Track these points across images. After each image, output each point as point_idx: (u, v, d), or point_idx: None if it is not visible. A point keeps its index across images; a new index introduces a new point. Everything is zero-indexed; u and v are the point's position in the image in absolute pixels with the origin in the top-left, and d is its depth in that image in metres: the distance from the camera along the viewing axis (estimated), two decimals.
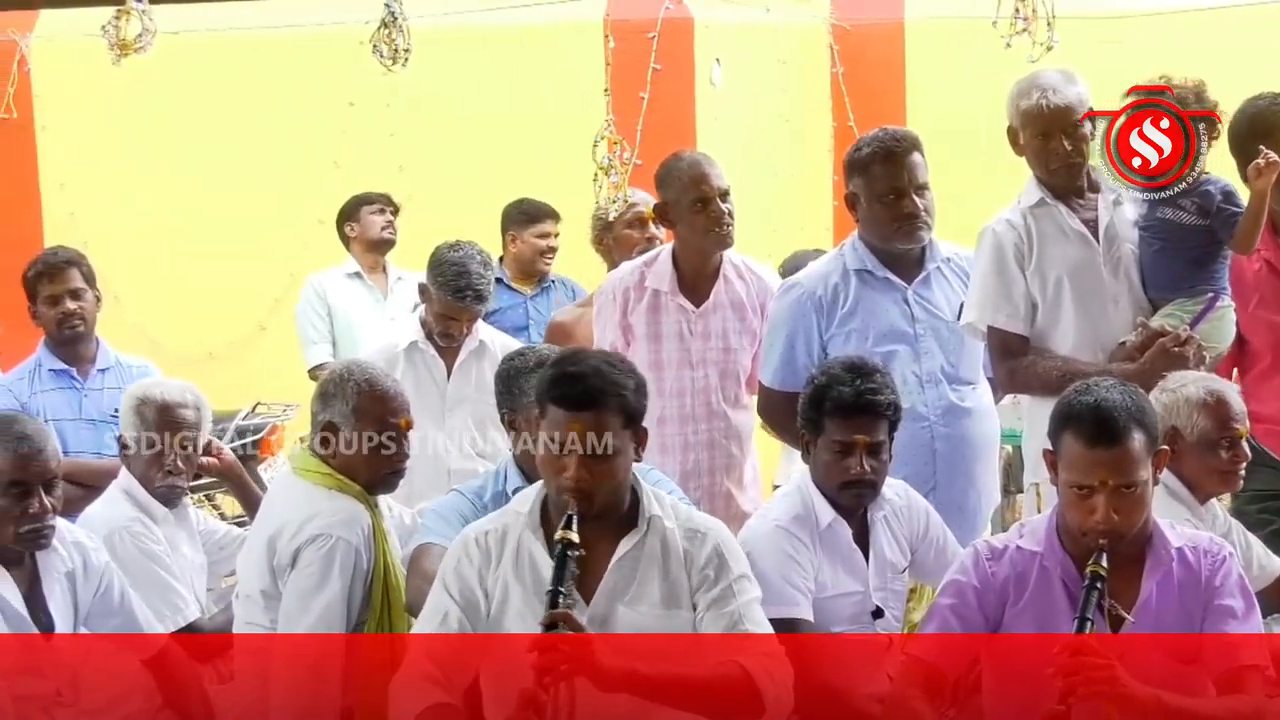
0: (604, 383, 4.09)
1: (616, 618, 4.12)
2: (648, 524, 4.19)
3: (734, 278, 5.95)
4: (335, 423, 4.95)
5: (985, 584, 4.30)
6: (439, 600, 4.21)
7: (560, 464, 4.08)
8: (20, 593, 4.68)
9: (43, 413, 6.29)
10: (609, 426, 4.07)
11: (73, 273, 6.40)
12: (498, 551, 4.20)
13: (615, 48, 8.73)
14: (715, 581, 4.17)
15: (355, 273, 8.43)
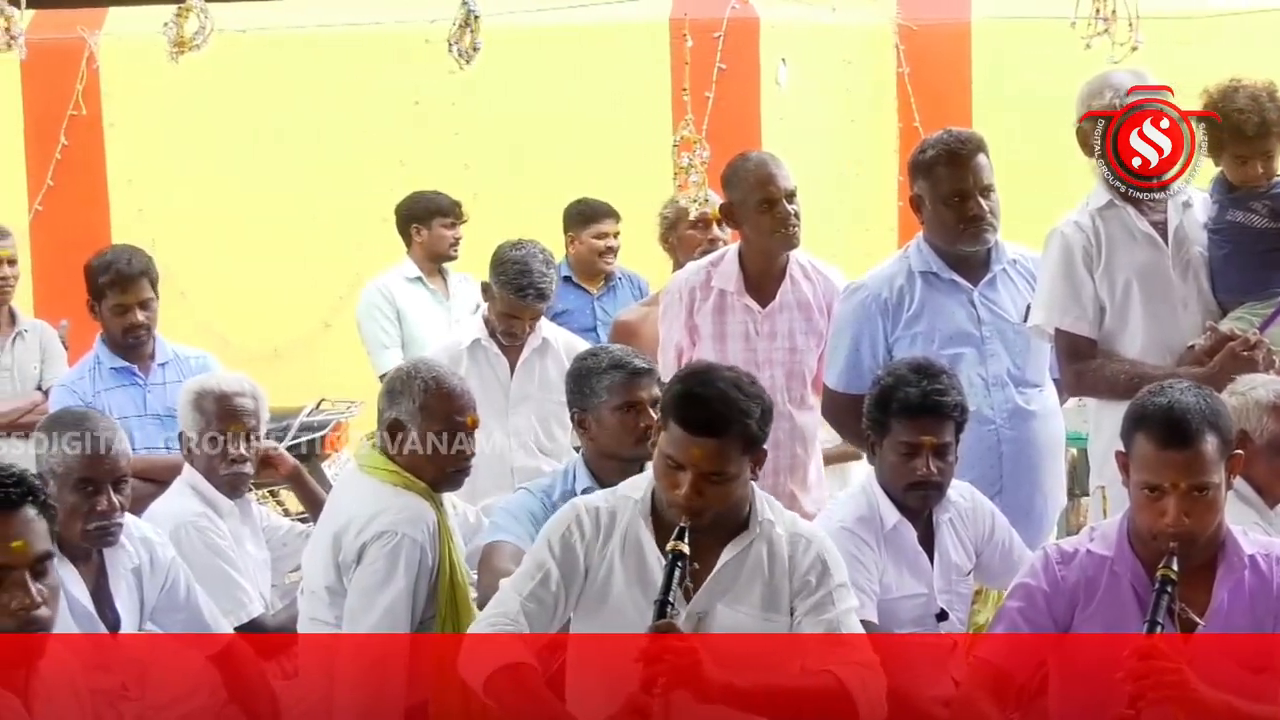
0: (730, 410, 4.05)
1: (715, 616, 4.13)
2: (759, 529, 4.19)
3: (800, 278, 5.93)
4: (402, 420, 4.95)
5: (1055, 588, 4.27)
6: (542, 557, 4.19)
7: (674, 480, 4.07)
8: (88, 588, 4.71)
9: (106, 411, 6.28)
10: (729, 454, 4.05)
11: (144, 283, 6.29)
12: (606, 530, 4.20)
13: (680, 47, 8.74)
14: (816, 588, 4.17)
15: (416, 277, 8.41)
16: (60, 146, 10.16)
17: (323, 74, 9.99)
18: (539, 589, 4.16)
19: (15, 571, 3.35)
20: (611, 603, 4.18)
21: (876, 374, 5.04)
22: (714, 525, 4.12)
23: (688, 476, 4.05)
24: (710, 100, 9.13)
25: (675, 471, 4.07)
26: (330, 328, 9.89)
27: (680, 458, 4.06)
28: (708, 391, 4.10)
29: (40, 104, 10.19)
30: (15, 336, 7.04)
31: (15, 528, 3.37)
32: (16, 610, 3.34)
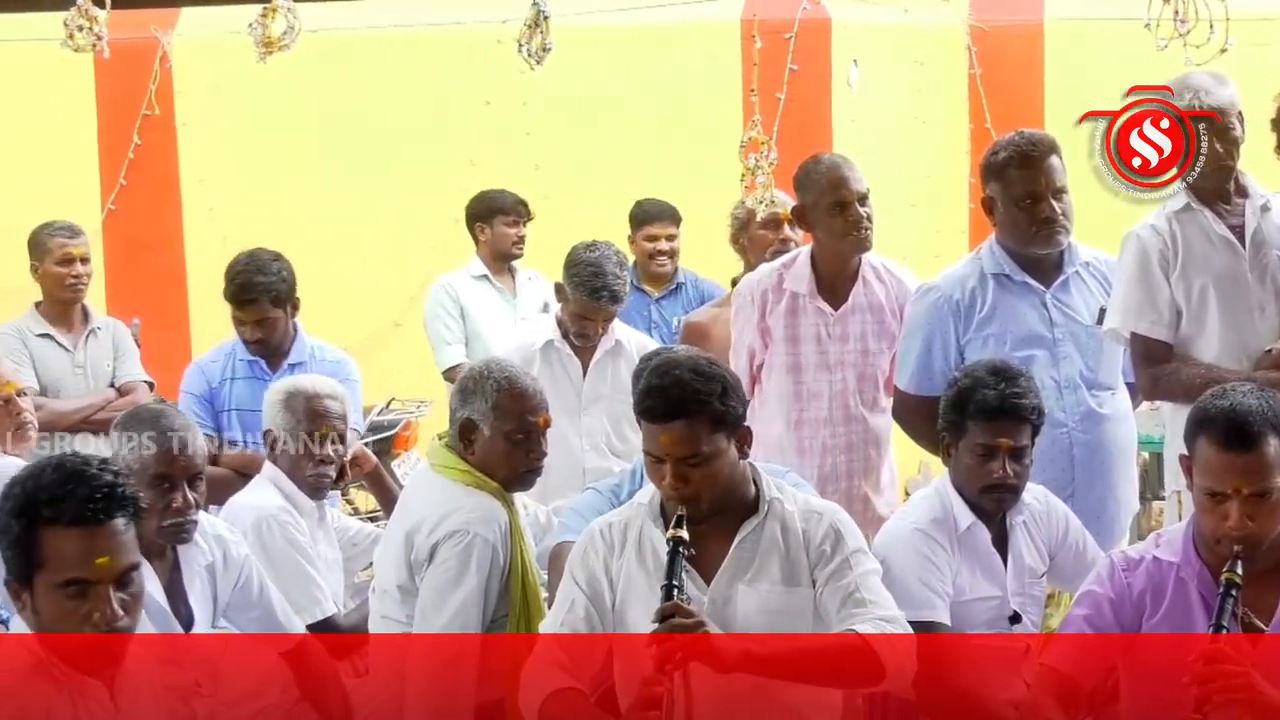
0: (685, 393, 4.12)
1: (737, 597, 4.16)
2: (768, 507, 4.23)
3: (873, 280, 5.92)
4: (474, 420, 4.97)
5: (1121, 595, 4.25)
6: (567, 589, 4.29)
7: (659, 473, 4.16)
8: (162, 585, 4.74)
9: (229, 400, 6.38)
10: (697, 435, 4.11)
11: (261, 305, 6.39)
12: (620, 542, 4.27)
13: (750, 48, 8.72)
14: (832, 556, 4.19)
15: (483, 275, 8.44)
16: (133, 146, 10.20)
17: (394, 74, 10.02)
18: (569, 618, 4.24)
19: (100, 586, 3.37)
20: (636, 606, 4.21)
21: (953, 375, 5.02)
22: (719, 510, 4.18)
23: (668, 467, 4.12)
24: (781, 101, 9.11)
25: (658, 465, 4.16)
26: (401, 327, 9.91)
27: (654, 450, 4.16)
28: (663, 380, 4.17)
29: (114, 103, 10.23)
30: (88, 334, 7.10)
31: (101, 543, 3.39)
32: (98, 622, 3.36)
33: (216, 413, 6.36)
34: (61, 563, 3.36)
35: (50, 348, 6.93)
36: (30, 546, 3.37)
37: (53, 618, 3.38)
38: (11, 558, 3.41)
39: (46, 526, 3.37)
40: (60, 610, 3.37)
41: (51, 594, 3.37)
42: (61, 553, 3.36)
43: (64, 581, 3.36)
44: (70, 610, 3.36)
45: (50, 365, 6.86)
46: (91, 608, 3.36)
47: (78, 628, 3.36)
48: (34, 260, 7.10)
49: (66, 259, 7.09)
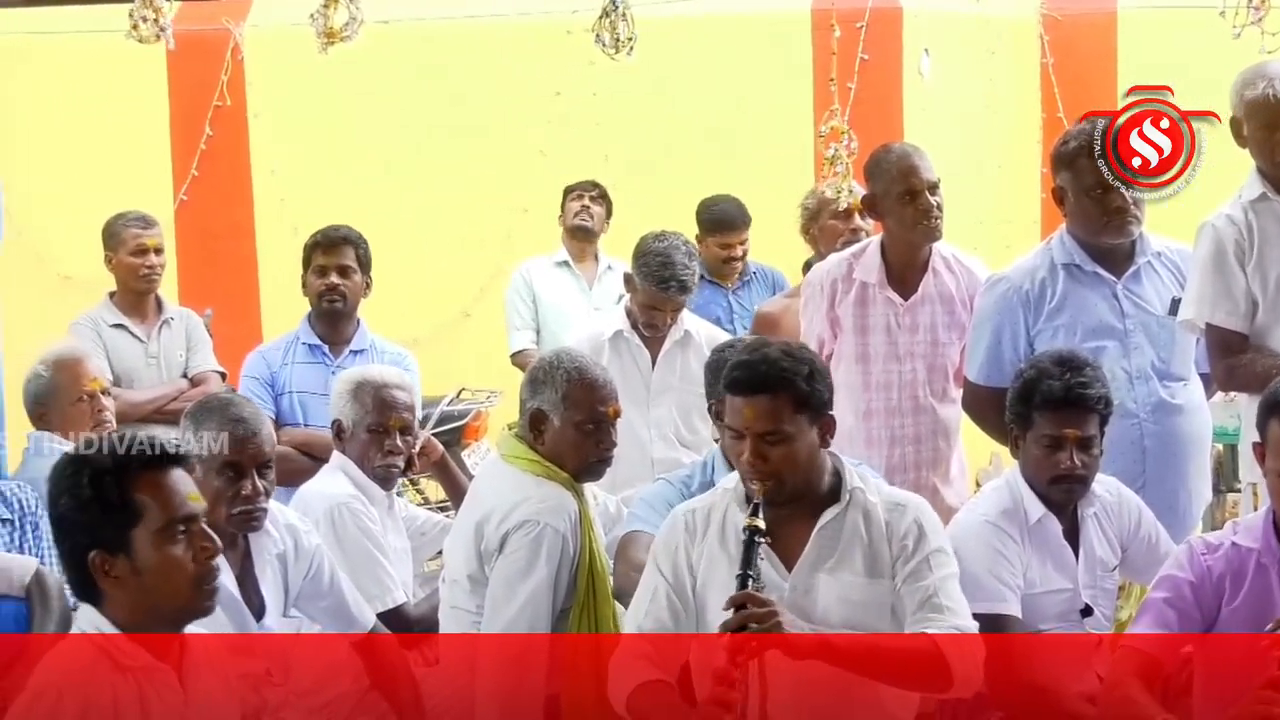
0: (773, 369, 4.14)
1: (819, 587, 4.14)
2: (850, 496, 4.22)
3: (943, 270, 5.89)
4: (544, 410, 4.97)
5: (1201, 578, 4.24)
6: (650, 577, 4.29)
7: (739, 450, 4.16)
8: (233, 574, 4.76)
9: (289, 384, 6.43)
10: (780, 412, 4.12)
11: (347, 250, 6.50)
12: (703, 527, 4.26)
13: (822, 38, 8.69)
14: (913, 553, 4.18)
15: (563, 261, 8.48)
16: (205, 137, 10.26)
17: (464, 65, 10.03)
18: (652, 607, 4.24)
19: (197, 522, 3.46)
20: (716, 591, 4.19)
21: (1019, 367, 5.00)
22: (798, 497, 4.18)
23: (747, 443, 4.13)
24: (852, 91, 9.08)
25: (738, 441, 4.17)
26: (470, 317, 9.95)
27: (736, 424, 4.17)
28: (753, 355, 4.21)
29: (186, 95, 10.30)
30: (161, 324, 7.13)
31: (186, 482, 3.48)
32: (204, 559, 3.44)
33: (277, 396, 6.40)
34: (166, 504, 3.42)
35: (124, 338, 6.96)
36: (125, 500, 3.40)
37: (160, 567, 3.41)
38: (103, 521, 3.41)
39: (139, 475, 3.42)
40: (167, 557, 3.41)
41: (157, 543, 3.40)
42: (160, 496, 3.42)
43: (168, 524, 3.41)
44: (180, 552, 3.41)
45: (124, 356, 6.90)
46: (196, 546, 3.44)
47: (185, 570, 3.41)
48: (108, 251, 7.13)
49: (141, 249, 7.12)
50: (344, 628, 4.99)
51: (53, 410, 5.85)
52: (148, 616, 3.44)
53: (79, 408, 5.84)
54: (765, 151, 9.29)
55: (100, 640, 3.41)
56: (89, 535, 3.43)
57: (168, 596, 3.42)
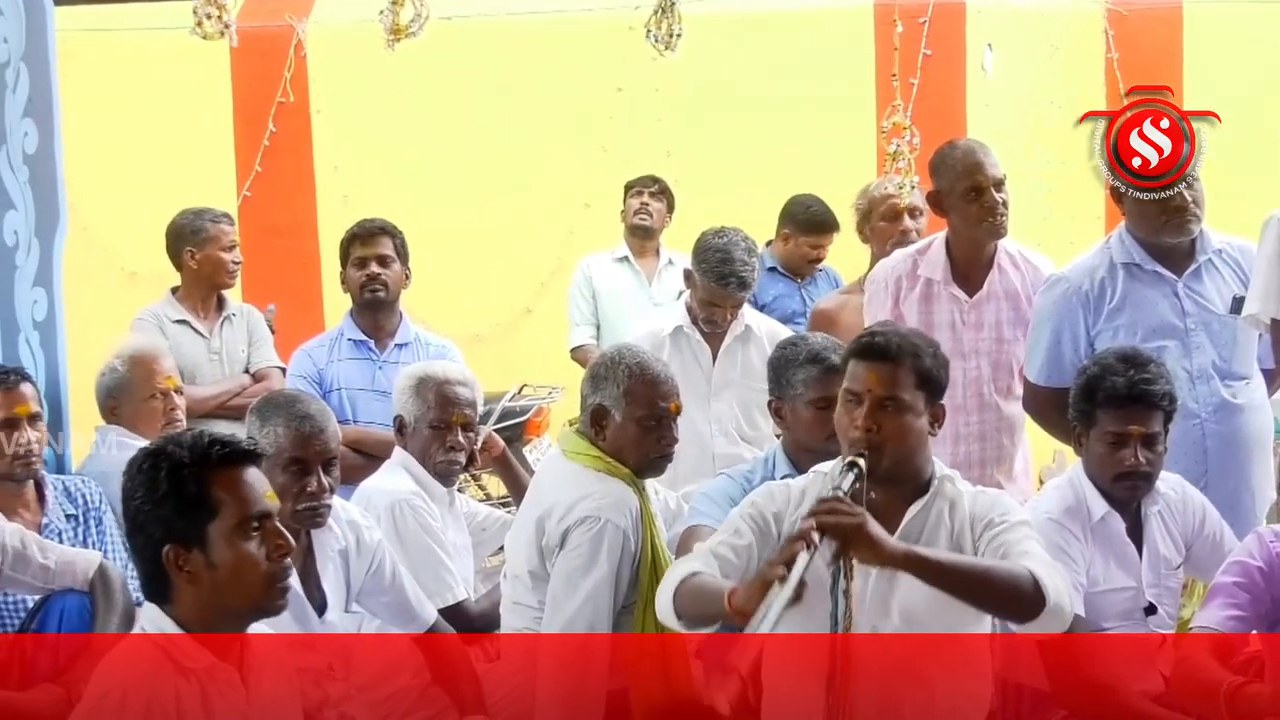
0: (901, 340, 4.20)
1: (901, 576, 4.05)
2: (939, 484, 4.20)
3: (1009, 267, 5.85)
4: (605, 406, 4.98)
5: (1271, 565, 4.30)
6: (733, 521, 4.23)
7: (853, 416, 4.15)
8: (295, 569, 4.76)
9: (336, 380, 6.46)
10: (902, 380, 4.13)
11: (384, 240, 6.55)
12: (798, 500, 4.22)
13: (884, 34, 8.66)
14: (997, 524, 4.14)
15: (623, 257, 8.48)
16: (268, 133, 10.30)
17: (527, 60, 10.05)
18: (731, 539, 4.17)
19: (271, 519, 3.48)
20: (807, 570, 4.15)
21: (1082, 364, 4.97)
22: (895, 478, 4.14)
23: (864, 407, 4.12)
24: (915, 86, 9.04)
25: (854, 407, 4.15)
26: (532, 313, 9.97)
27: (857, 386, 4.16)
28: (884, 329, 4.34)
29: (249, 91, 10.34)
30: (224, 320, 7.14)
31: (263, 480, 3.51)
32: (279, 555, 3.46)
33: (325, 393, 6.40)
34: (242, 500, 3.44)
35: (187, 334, 6.98)
36: (201, 496, 3.42)
37: (234, 563, 3.43)
38: (180, 516, 3.43)
39: (216, 471, 3.44)
40: (242, 553, 3.42)
41: (231, 539, 3.42)
42: (240, 491, 3.44)
43: (245, 519, 3.43)
44: (254, 549, 3.43)
45: (187, 351, 6.91)
46: (270, 543, 3.45)
47: (259, 567, 3.43)
48: (190, 247, 7.07)
49: (230, 245, 7.15)
50: (405, 623, 5.00)
51: (125, 405, 5.89)
52: (218, 614, 3.46)
53: (151, 405, 5.88)
54: (827, 147, 9.26)
55: (162, 641, 3.43)
56: (165, 529, 3.44)
57: (239, 594, 3.44)
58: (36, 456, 5.30)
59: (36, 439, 5.29)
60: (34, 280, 5.88)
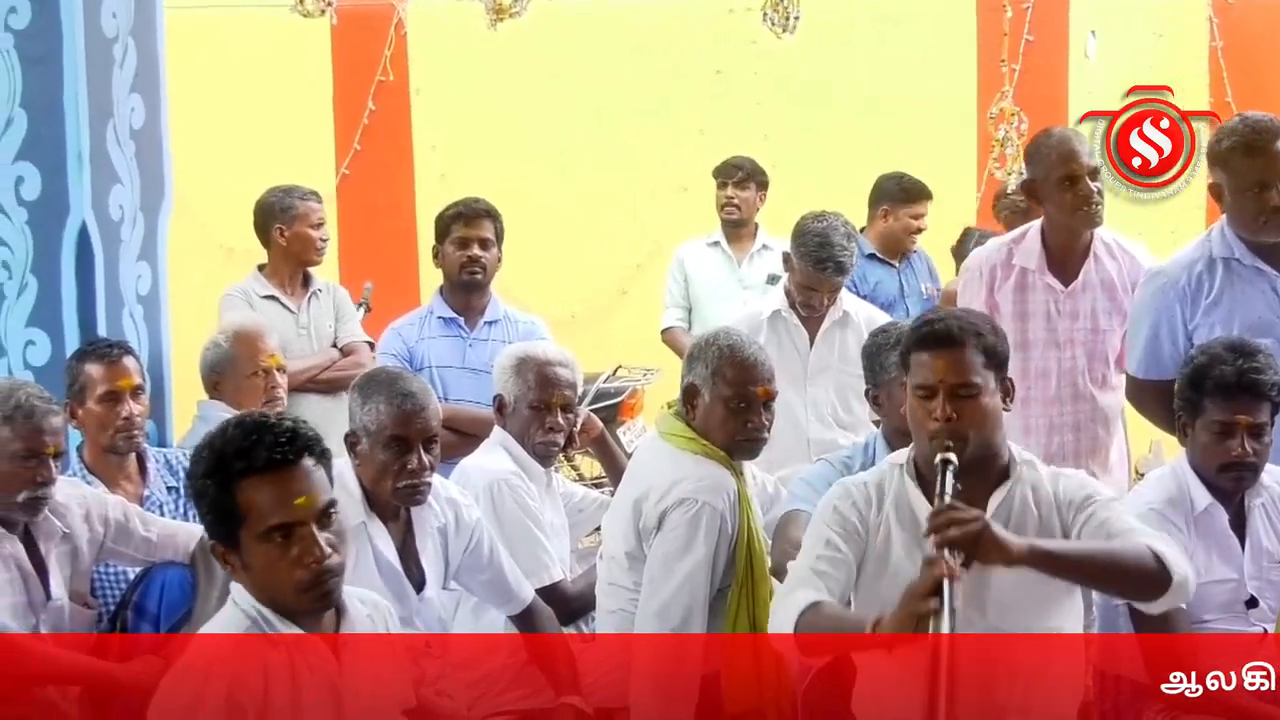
0: (960, 322, 4.15)
1: (994, 568, 3.98)
2: (1020, 470, 4.16)
3: (1105, 256, 5.81)
4: (697, 385, 4.98)
5: None
6: (818, 531, 4.18)
7: (929, 410, 4.09)
8: (395, 546, 4.81)
9: (426, 358, 6.47)
10: (971, 363, 4.08)
11: (487, 223, 6.56)
12: (877, 497, 4.19)
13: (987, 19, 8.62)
14: (1087, 503, 4.10)
15: (715, 241, 8.48)
16: (368, 112, 10.37)
17: (626, 43, 10.07)
18: (827, 551, 4.12)
19: (302, 527, 3.42)
20: (893, 567, 4.12)
21: (1189, 353, 4.93)
22: (977, 466, 4.08)
23: (939, 399, 4.06)
24: (1016, 72, 8.99)
25: (928, 401, 4.09)
26: (627, 295, 9.99)
27: (928, 380, 4.09)
28: (936, 315, 4.25)
29: (349, 70, 10.41)
30: (310, 296, 7.15)
31: (295, 484, 3.44)
32: (309, 564, 3.41)
33: (415, 371, 6.40)
34: (262, 511, 3.41)
35: (275, 310, 6.98)
36: (229, 503, 3.42)
37: (264, 570, 3.43)
38: (214, 521, 3.47)
39: (241, 479, 3.41)
40: (269, 559, 3.41)
41: (258, 546, 3.42)
42: (259, 501, 3.41)
43: (267, 530, 3.41)
44: (279, 557, 3.41)
45: (276, 327, 6.89)
46: (300, 551, 3.41)
47: (289, 574, 3.41)
48: (279, 224, 7.10)
49: (319, 223, 7.17)
50: (502, 602, 5.03)
51: (227, 381, 5.94)
52: (269, 606, 3.47)
53: (253, 381, 5.92)
54: (927, 131, 9.23)
55: (253, 613, 3.46)
56: (207, 526, 3.51)
57: (276, 596, 3.45)
58: (139, 429, 5.34)
59: (139, 412, 5.33)
60: (139, 254, 5.94)
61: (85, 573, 4.86)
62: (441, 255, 6.63)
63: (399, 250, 10.13)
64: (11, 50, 5.52)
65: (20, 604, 4.60)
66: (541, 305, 8.70)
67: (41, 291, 5.60)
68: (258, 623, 3.45)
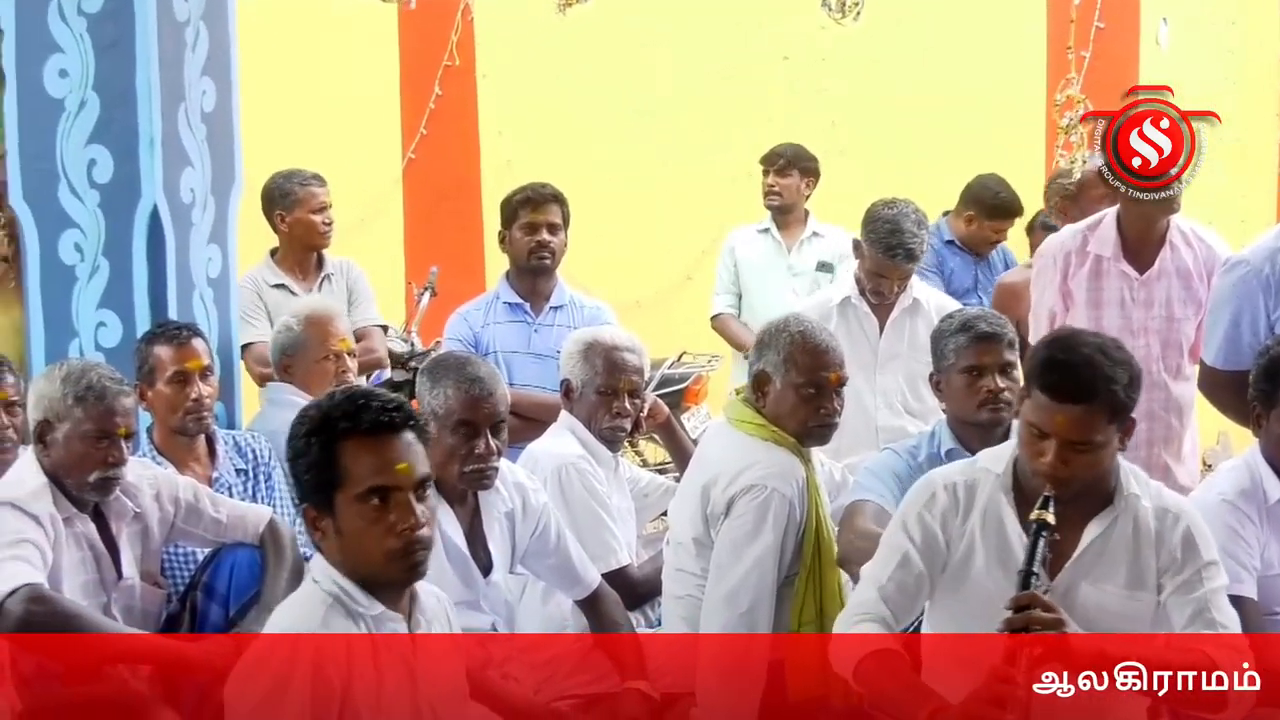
0: (1096, 376, 3.91)
1: (1079, 593, 3.99)
2: (1124, 503, 4.05)
3: (1180, 244, 5.77)
4: (767, 372, 4.97)
5: None
6: (897, 540, 4.11)
7: (1039, 449, 3.94)
8: (462, 530, 4.82)
9: (492, 343, 6.48)
10: (1095, 422, 3.91)
11: (555, 208, 6.56)
12: (966, 504, 4.09)
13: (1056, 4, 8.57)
14: (1183, 566, 4.01)
15: (765, 228, 8.45)
16: (434, 96, 10.38)
17: (693, 29, 10.06)
18: (899, 573, 4.06)
19: (400, 493, 3.43)
20: (971, 581, 4.07)
21: (1265, 344, 4.88)
22: (1079, 497, 3.98)
23: (1052, 445, 3.91)
24: (1086, 59, 8.94)
25: (1040, 440, 3.94)
26: (692, 280, 9.97)
27: (1045, 426, 3.93)
28: (1073, 358, 3.95)
29: (416, 54, 10.42)
30: (322, 280, 7.12)
31: (397, 450, 3.45)
32: (403, 531, 3.41)
33: (481, 356, 6.41)
34: (363, 472, 3.42)
35: (285, 298, 6.93)
36: (330, 462, 3.43)
37: (357, 534, 3.43)
38: (311, 480, 3.47)
39: (345, 439, 3.43)
40: (364, 522, 3.42)
41: (354, 508, 3.42)
42: (362, 462, 3.43)
43: (366, 491, 3.41)
44: (374, 520, 3.41)
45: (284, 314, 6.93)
46: (396, 518, 3.41)
47: (382, 540, 3.41)
48: (280, 210, 7.11)
49: (320, 207, 7.13)
50: (569, 586, 5.03)
51: (297, 364, 5.95)
52: (352, 579, 3.47)
53: (323, 365, 5.92)
54: (995, 118, 9.19)
55: (335, 589, 3.47)
56: (303, 488, 3.51)
57: (364, 563, 3.45)
58: (208, 411, 5.36)
59: (208, 393, 5.35)
60: (209, 237, 5.95)
61: (156, 552, 4.88)
62: (508, 240, 6.62)
63: (464, 235, 10.14)
64: (85, 34, 5.54)
65: (92, 582, 4.64)
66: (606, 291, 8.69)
67: (113, 274, 5.62)
68: (339, 599, 3.45)
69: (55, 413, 4.65)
